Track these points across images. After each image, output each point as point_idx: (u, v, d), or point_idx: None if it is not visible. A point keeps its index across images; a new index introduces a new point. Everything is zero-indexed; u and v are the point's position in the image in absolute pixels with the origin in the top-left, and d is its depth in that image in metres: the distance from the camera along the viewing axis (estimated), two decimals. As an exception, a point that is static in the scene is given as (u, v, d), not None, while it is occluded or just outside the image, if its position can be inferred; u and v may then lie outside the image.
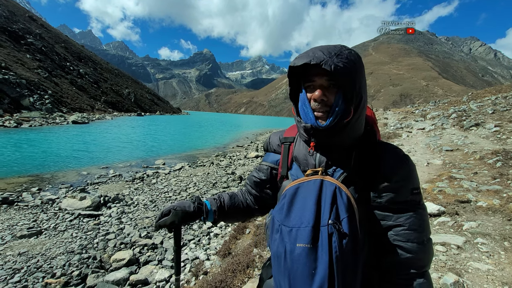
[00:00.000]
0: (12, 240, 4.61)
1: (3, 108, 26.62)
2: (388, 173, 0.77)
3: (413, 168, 0.79)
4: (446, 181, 5.23)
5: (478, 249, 2.85)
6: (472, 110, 13.82)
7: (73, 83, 54.11)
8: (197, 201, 1.03)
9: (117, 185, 8.46)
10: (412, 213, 0.76)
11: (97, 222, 5.56)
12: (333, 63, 0.70)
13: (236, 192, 1.15)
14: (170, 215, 0.97)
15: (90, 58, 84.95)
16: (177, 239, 1.05)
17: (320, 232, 0.70)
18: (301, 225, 0.72)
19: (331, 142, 0.81)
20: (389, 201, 0.77)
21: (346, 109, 0.76)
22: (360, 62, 0.77)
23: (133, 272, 3.89)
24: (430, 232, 0.79)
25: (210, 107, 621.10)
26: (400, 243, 0.76)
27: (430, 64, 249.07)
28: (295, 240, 0.71)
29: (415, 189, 0.78)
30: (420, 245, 0.75)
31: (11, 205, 6.13)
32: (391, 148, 0.81)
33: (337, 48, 0.76)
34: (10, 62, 38.34)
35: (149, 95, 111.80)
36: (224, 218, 1.08)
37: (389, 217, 0.78)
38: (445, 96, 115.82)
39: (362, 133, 0.83)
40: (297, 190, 0.78)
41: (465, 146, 8.33)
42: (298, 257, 0.70)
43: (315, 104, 0.77)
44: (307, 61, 0.72)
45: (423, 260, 0.77)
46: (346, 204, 0.71)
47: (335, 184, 0.74)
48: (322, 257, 0.68)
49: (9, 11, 58.75)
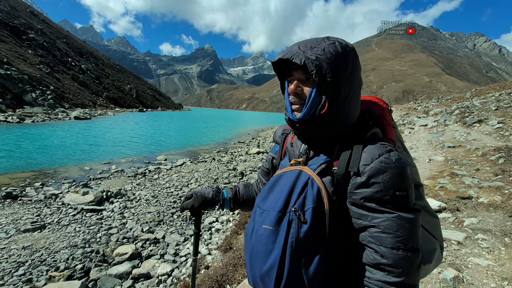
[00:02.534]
0: (16, 234, 4.67)
1: (5, 103, 26.72)
2: (364, 169, 0.72)
3: (397, 167, 0.70)
4: (447, 178, 5.22)
5: (478, 245, 2.86)
6: (475, 106, 13.72)
7: (75, 79, 54.14)
8: (215, 190, 1.13)
9: (120, 181, 8.52)
10: (391, 216, 0.69)
11: (100, 217, 5.61)
12: (304, 56, 0.72)
13: (252, 182, 1.23)
14: (191, 199, 1.09)
15: (91, 54, 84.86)
16: (197, 222, 1.16)
17: (284, 218, 0.74)
18: (271, 209, 0.77)
19: (309, 134, 0.83)
20: (364, 198, 0.71)
21: (322, 102, 0.75)
22: (342, 53, 0.74)
23: (135, 266, 3.94)
24: (415, 243, 0.69)
25: (212, 103, 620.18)
26: (374, 245, 0.71)
27: (434, 60, 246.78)
28: (262, 222, 0.77)
29: (399, 190, 0.69)
30: (396, 251, 0.67)
31: (15, 200, 6.19)
32: (376, 143, 0.75)
33: (318, 41, 0.76)
34: (12, 58, 38.38)
35: (151, 91, 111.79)
36: (240, 206, 1.17)
37: (365, 216, 0.72)
38: (448, 93, 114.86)
39: (350, 126, 0.80)
40: (279, 178, 0.83)
41: (468, 142, 8.29)
42: (260, 237, 0.76)
43: (291, 97, 0.81)
44: (281, 57, 0.77)
45: (401, 270, 0.67)
46: (315, 195, 0.73)
47: (309, 175, 0.77)
48: (279, 240, 0.72)
49: (11, 6, 58.64)
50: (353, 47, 0.79)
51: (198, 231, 1.17)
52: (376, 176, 0.70)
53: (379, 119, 0.87)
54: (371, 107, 0.89)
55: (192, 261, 1.22)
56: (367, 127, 0.81)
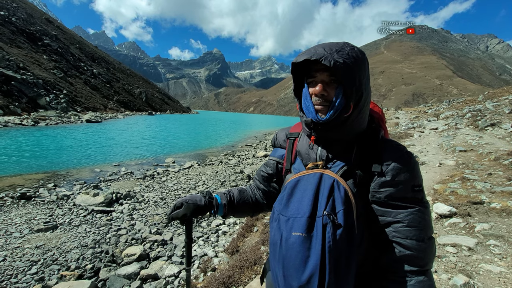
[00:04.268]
0: (30, 234, 4.81)
1: (21, 107, 27.65)
2: (387, 168, 0.77)
3: (414, 165, 0.78)
4: (458, 182, 5.11)
5: (490, 251, 2.78)
6: (488, 109, 13.39)
7: (87, 83, 55.59)
8: (208, 195, 1.06)
9: (129, 183, 8.67)
10: (413, 210, 0.75)
11: (110, 218, 5.72)
12: (333, 59, 0.73)
13: (246, 187, 1.18)
14: (182, 208, 1.00)
15: (103, 59, 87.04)
16: (189, 231, 1.08)
17: (316, 222, 0.72)
18: (297, 215, 0.75)
19: (331, 136, 0.84)
20: (388, 197, 0.77)
21: (346, 104, 0.78)
22: (362, 59, 0.78)
23: (143, 267, 3.99)
24: (432, 231, 0.77)
25: (219, 107, 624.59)
26: (399, 240, 0.75)
27: (445, 62, 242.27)
28: (291, 229, 0.74)
29: (417, 186, 0.77)
30: (420, 243, 0.74)
31: (29, 200, 6.39)
32: (392, 144, 0.82)
33: (340, 45, 0.78)
34: (28, 63, 39.76)
35: (160, 95, 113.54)
36: (234, 213, 1.11)
37: (389, 213, 0.77)
38: (460, 95, 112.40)
39: (364, 129, 0.85)
40: (297, 183, 0.81)
41: (480, 146, 8.09)
42: (293, 245, 0.72)
43: (316, 98, 0.80)
44: (307, 57, 0.76)
45: (423, 259, 0.75)
46: (343, 197, 0.73)
47: (334, 178, 0.76)
48: (315, 246, 0.70)
49: (27, 14, 60.90)
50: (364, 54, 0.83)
51: (190, 240, 1.09)
52: (399, 175, 0.76)
53: (378, 121, 0.93)
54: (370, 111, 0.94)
55: (185, 271, 1.09)
56: (376, 129, 0.86)
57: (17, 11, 56.72)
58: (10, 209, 5.81)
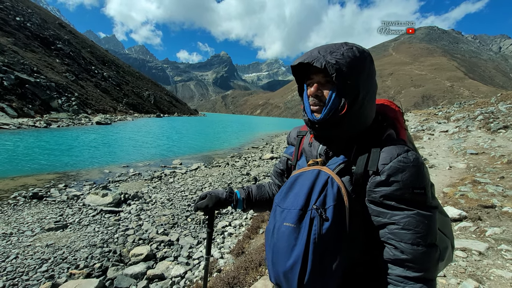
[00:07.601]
0: (41, 232, 4.93)
1: (34, 109, 28.44)
2: (383, 168, 0.75)
3: (415, 166, 0.74)
4: (469, 186, 4.99)
5: (502, 256, 2.71)
6: (501, 111, 13.05)
7: (97, 86, 56.76)
8: (229, 190, 1.16)
9: (137, 183, 8.79)
10: (410, 213, 0.72)
11: (118, 218, 5.81)
12: (324, 60, 0.76)
13: (264, 184, 1.25)
14: (206, 199, 1.12)
15: (113, 62, 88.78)
16: (210, 222, 1.19)
17: (305, 215, 0.76)
18: (291, 207, 0.79)
19: (328, 134, 0.87)
20: (383, 197, 0.75)
21: (341, 104, 0.79)
22: (360, 58, 0.78)
23: (150, 267, 4.04)
24: (434, 238, 0.73)
25: (226, 109, 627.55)
26: (394, 242, 0.74)
27: (455, 64, 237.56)
28: (284, 219, 0.79)
29: (417, 188, 0.73)
30: (415, 247, 0.71)
31: (40, 200, 6.55)
32: (394, 143, 0.79)
33: (336, 45, 0.80)
34: (41, 67, 40.91)
35: (168, 97, 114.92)
36: (253, 207, 1.18)
37: (384, 214, 0.75)
38: (471, 97, 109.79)
39: (366, 128, 0.85)
40: (297, 178, 0.85)
41: (492, 149, 7.89)
42: (283, 234, 0.77)
43: (311, 99, 0.84)
44: (301, 61, 0.80)
45: (419, 265, 0.71)
46: (335, 193, 0.75)
47: (329, 174, 0.79)
48: (301, 237, 0.74)
49: (41, 19, 62.76)
50: (369, 52, 0.83)
51: (211, 230, 1.20)
52: (395, 175, 0.74)
53: (392, 121, 0.91)
54: (384, 109, 0.93)
55: (205, 260, 1.25)
56: (383, 128, 0.86)
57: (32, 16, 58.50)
58: (22, 208, 5.97)
